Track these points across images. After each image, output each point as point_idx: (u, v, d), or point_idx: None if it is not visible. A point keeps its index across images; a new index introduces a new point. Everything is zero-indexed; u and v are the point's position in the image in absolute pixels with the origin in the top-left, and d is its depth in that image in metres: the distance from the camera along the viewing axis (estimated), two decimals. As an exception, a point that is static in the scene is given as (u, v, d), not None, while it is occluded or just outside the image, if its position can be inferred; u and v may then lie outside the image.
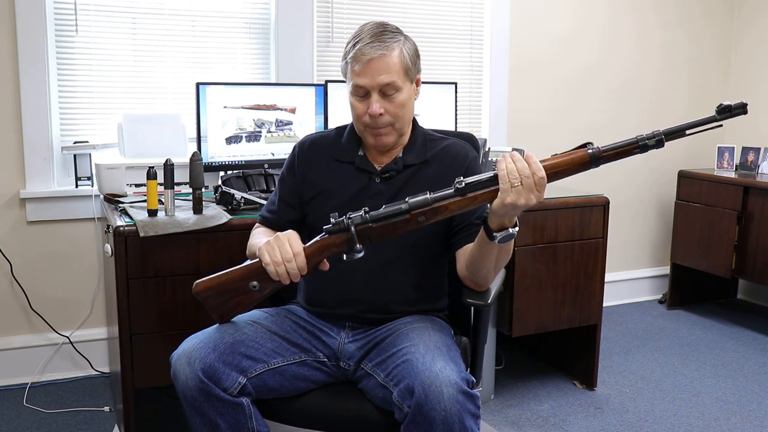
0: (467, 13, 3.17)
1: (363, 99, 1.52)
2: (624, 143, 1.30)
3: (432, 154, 1.61)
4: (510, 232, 1.34)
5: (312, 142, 1.66)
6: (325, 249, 1.38)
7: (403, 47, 1.52)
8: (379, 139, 1.54)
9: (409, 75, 1.54)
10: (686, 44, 3.68)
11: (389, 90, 1.50)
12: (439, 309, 1.65)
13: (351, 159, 1.60)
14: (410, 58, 1.54)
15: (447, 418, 1.25)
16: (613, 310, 3.59)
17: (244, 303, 1.45)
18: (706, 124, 1.27)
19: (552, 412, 2.46)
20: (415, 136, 1.62)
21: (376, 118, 1.50)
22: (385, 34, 1.51)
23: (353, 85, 1.52)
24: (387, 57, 1.49)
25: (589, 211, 2.49)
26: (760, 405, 2.54)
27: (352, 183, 1.58)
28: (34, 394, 2.51)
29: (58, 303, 2.62)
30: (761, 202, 3.13)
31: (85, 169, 2.55)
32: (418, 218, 1.34)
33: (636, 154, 1.31)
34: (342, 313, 1.56)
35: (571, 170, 1.31)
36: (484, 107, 3.25)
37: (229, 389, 1.37)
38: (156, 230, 1.88)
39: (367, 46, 1.48)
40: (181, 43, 2.68)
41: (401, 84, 1.51)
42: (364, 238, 1.36)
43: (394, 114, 1.52)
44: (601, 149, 1.30)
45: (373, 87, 1.49)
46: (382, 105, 1.50)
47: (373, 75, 1.48)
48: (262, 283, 1.41)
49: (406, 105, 1.54)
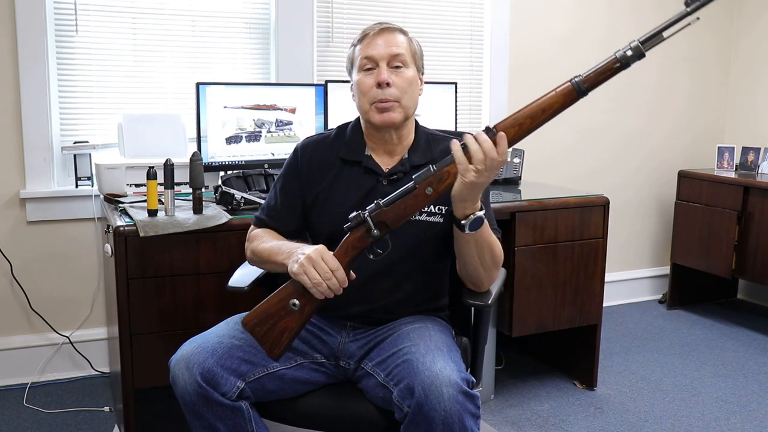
0: (467, 13, 3.17)
1: (370, 72, 1.52)
2: (603, 62, 1.28)
3: (437, 153, 1.59)
4: (477, 215, 1.35)
5: (315, 143, 1.63)
6: (349, 247, 1.39)
7: (410, 38, 1.58)
8: (385, 115, 1.51)
9: (415, 60, 1.56)
10: (686, 44, 3.68)
11: (397, 62, 1.51)
12: (440, 309, 1.65)
13: (358, 158, 1.58)
14: (417, 50, 1.59)
15: (447, 418, 1.25)
16: (613, 310, 3.59)
17: (289, 326, 1.41)
18: (680, 20, 1.24)
19: (552, 412, 2.46)
20: (419, 136, 1.62)
21: (384, 89, 1.49)
22: (392, 25, 1.57)
23: (362, 58, 1.52)
24: (395, 34, 1.54)
25: (589, 211, 2.49)
26: (760, 405, 2.54)
27: (360, 184, 1.56)
28: (34, 394, 2.51)
29: (58, 303, 2.62)
30: (761, 202, 3.13)
31: (85, 169, 2.55)
32: (426, 191, 1.35)
33: (621, 71, 1.28)
34: (344, 313, 1.56)
35: (558, 104, 1.31)
36: (484, 107, 3.25)
37: (227, 394, 1.37)
38: (156, 230, 1.88)
39: (375, 27, 1.54)
40: (181, 43, 2.68)
41: (408, 61, 1.53)
42: (381, 225, 1.37)
43: (401, 88, 1.51)
44: (583, 75, 1.30)
45: (382, 57, 1.51)
46: (390, 75, 1.50)
47: (383, 45, 1.51)
48: (302, 299, 1.39)
49: (412, 85, 1.54)
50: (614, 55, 1.27)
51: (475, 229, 1.37)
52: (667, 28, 1.25)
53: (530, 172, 3.06)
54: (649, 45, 1.26)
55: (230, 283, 1.62)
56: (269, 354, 1.43)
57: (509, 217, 2.35)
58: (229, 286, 1.62)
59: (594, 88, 1.31)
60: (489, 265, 1.47)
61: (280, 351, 1.43)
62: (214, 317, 1.84)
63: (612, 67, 1.28)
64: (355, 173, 1.57)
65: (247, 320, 1.45)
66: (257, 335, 1.43)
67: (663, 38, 1.26)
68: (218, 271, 1.98)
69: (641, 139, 3.64)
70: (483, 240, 1.41)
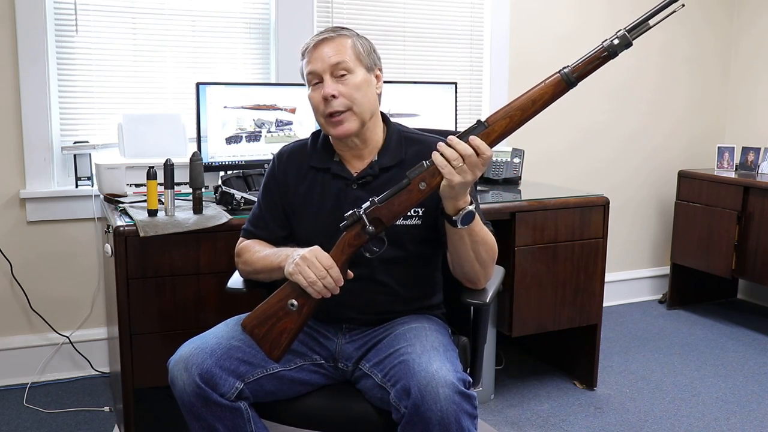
0: (467, 13, 3.17)
1: (317, 87, 1.51)
2: (590, 52, 1.29)
3: (409, 154, 1.56)
4: (468, 209, 1.35)
5: (290, 152, 1.64)
6: (345, 246, 1.39)
7: (355, 38, 1.54)
8: (339, 128, 1.49)
9: (361, 60, 1.52)
10: (686, 44, 3.68)
11: (339, 71, 1.49)
12: (434, 306, 1.64)
13: (326, 165, 1.57)
14: (362, 47, 1.54)
15: (443, 418, 1.25)
16: (613, 310, 3.59)
17: (288, 327, 1.42)
18: (666, 7, 1.24)
19: (552, 412, 2.46)
20: (389, 135, 1.59)
21: (331, 101, 1.48)
22: (335, 29, 1.53)
23: (306, 73, 1.52)
24: (335, 41, 1.51)
25: (589, 211, 2.49)
26: (760, 405, 2.54)
27: (330, 191, 1.56)
28: (34, 394, 2.51)
29: (58, 303, 2.62)
30: (761, 202, 3.13)
31: (85, 169, 2.55)
32: (420, 186, 1.35)
33: (609, 60, 1.28)
34: (338, 315, 1.56)
35: (548, 95, 1.31)
36: (484, 107, 3.25)
37: (226, 394, 1.37)
38: (156, 230, 1.88)
39: (316, 38, 1.52)
40: (181, 43, 2.68)
41: (352, 66, 1.50)
42: (376, 221, 1.38)
43: (349, 96, 1.48)
44: (571, 66, 1.30)
45: (324, 70, 1.49)
46: (335, 87, 1.48)
47: (322, 58, 1.49)
48: (300, 300, 1.40)
49: (362, 88, 1.50)
50: (601, 45, 1.28)
51: (467, 223, 1.37)
52: (653, 16, 1.26)
53: (530, 172, 3.06)
54: (635, 33, 1.27)
55: (229, 285, 1.62)
56: (269, 355, 1.43)
57: (509, 217, 2.35)
58: (228, 288, 1.62)
59: (583, 78, 1.31)
60: (485, 259, 1.46)
61: (279, 353, 1.43)
62: (214, 317, 1.84)
63: (600, 56, 1.28)
64: (326, 180, 1.57)
65: (246, 322, 1.45)
66: (256, 337, 1.43)
67: (649, 26, 1.27)
68: (218, 271, 1.98)
69: (641, 139, 3.64)
70: (476, 234, 1.41)
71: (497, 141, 1.35)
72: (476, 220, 1.39)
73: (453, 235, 1.42)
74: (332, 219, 1.49)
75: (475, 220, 1.39)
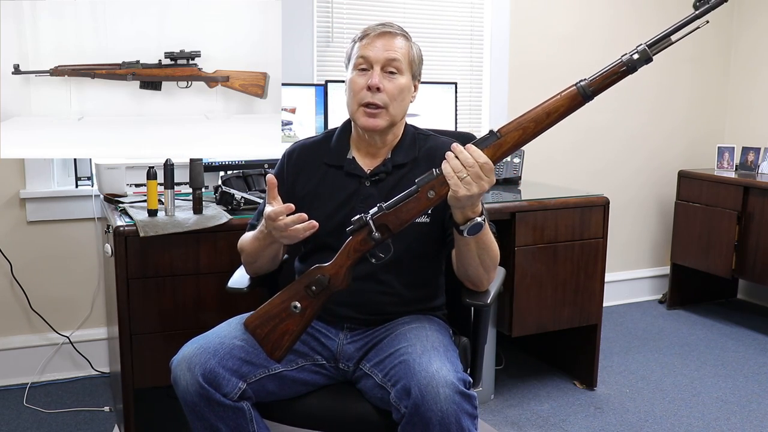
0: (467, 13, 3.17)
1: (364, 72, 1.51)
2: (609, 66, 1.27)
3: (422, 152, 1.59)
4: (476, 221, 1.34)
5: (301, 148, 1.64)
6: (351, 251, 1.39)
7: (411, 43, 1.57)
8: (371, 120, 1.51)
9: (411, 67, 1.55)
10: (686, 44, 3.66)
11: (392, 67, 1.51)
12: (436, 307, 1.64)
13: (340, 162, 1.59)
14: (416, 56, 1.57)
15: (444, 418, 1.25)
16: (613, 310, 3.59)
17: (290, 329, 1.42)
18: (689, 24, 1.22)
19: (552, 412, 2.46)
20: (405, 135, 1.61)
21: (374, 93, 1.49)
22: (393, 26, 1.55)
23: (358, 56, 1.52)
24: (397, 38, 1.53)
25: (589, 211, 2.49)
26: (760, 405, 2.54)
27: (342, 188, 1.56)
28: (34, 394, 2.51)
29: (58, 303, 2.62)
30: (761, 202, 3.13)
31: (85, 169, 2.55)
32: (428, 194, 1.34)
33: (627, 75, 1.26)
34: (339, 315, 1.56)
35: (563, 108, 1.30)
36: (484, 107, 3.25)
37: (229, 394, 1.37)
38: (156, 230, 1.88)
39: (380, 27, 1.53)
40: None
41: (403, 68, 1.52)
42: (383, 228, 1.36)
43: (391, 95, 1.50)
44: (588, 79, 1.28)
45: (377, 60, 1.50)
46: (382, 81, 1.50)
47: (380, 48, 1.50)
48: (303, 302, 1.40)
49: (403, 93, 1.53)
50: (620, 59, 1.26)
51: (474, 233, 1.36)
52: (675, 32, 1.23)
53: (530, 172, 3.06)
54: (656, 49, 1.24)
55: (230, 284, 1.62)
56: (270, 356, 1.43)
57: (509, 217, 2.35)
58: (229, 287, 1.62)
59: (600, 92, 1.29)
60: (489, 265, 1.47)
61: (281, 354, 1.43)
62: (214, 317, 1.83)
63: (618, 71, 1.27)
64: (338, 177, 1.58)
65: (249, 321, 1.45)
66: (258, 337, 1.44)
67: (671, 42, 1.24)
68: (218, 271, 1.98)
69: (641, 139, 3.64)
70: (483, 242, 1.41)
71: (509, 152, 1.33)
72: (485, 228, 1.39)
73: (460, 241, 1.42)
74: (341, 214, 1.50)
75: (483, 230, 1.38)
